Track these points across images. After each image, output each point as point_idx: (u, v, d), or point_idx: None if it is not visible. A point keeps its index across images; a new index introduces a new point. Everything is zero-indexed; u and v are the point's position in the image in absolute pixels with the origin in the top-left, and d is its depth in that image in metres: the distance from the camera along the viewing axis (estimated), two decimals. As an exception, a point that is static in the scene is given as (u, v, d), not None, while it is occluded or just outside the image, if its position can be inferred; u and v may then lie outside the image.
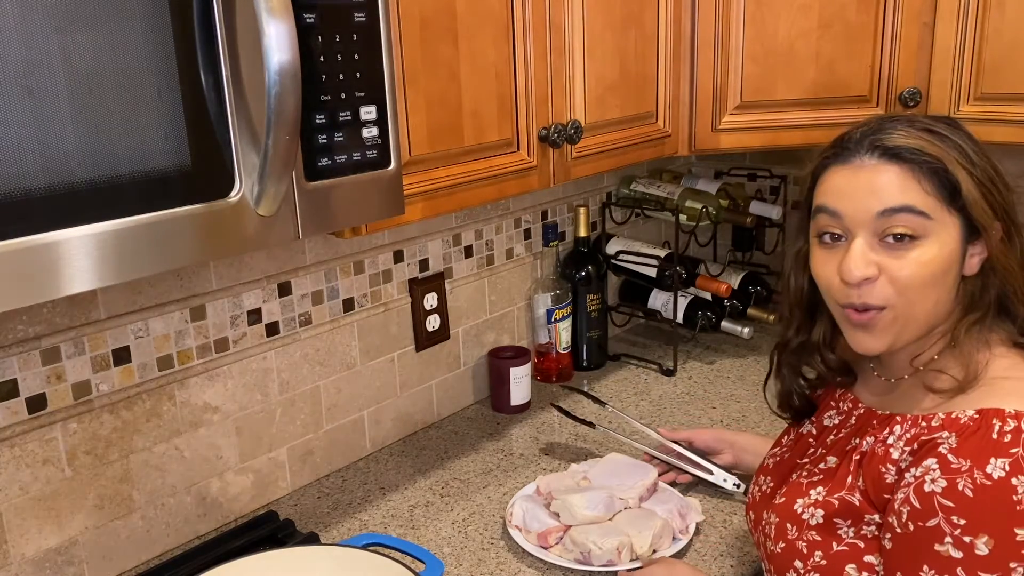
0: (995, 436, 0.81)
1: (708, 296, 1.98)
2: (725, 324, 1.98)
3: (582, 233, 1.87)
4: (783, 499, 1.00)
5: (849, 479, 0.93)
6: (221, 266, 1.33)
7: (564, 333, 1.85)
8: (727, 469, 1.39)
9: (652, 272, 1.91)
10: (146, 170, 0.81)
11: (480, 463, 1.56)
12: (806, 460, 1.04)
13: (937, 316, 0.92)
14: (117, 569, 1.27)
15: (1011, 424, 0.81)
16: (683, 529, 1.28)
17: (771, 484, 1.08)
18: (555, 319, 1.82)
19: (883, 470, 0.89)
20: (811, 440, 1.07)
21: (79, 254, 0.77)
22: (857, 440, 0.96)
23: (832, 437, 1.02)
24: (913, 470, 0.85)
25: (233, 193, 0.88)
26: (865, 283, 0.89)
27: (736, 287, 2.03)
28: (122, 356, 1.23)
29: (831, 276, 0.93)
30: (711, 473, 1.39)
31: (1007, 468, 0.79)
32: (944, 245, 0.88)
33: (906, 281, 0.88)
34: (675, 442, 1.43)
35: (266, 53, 0.80)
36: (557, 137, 1.34)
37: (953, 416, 0.86)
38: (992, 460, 0.80)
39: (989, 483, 0.79)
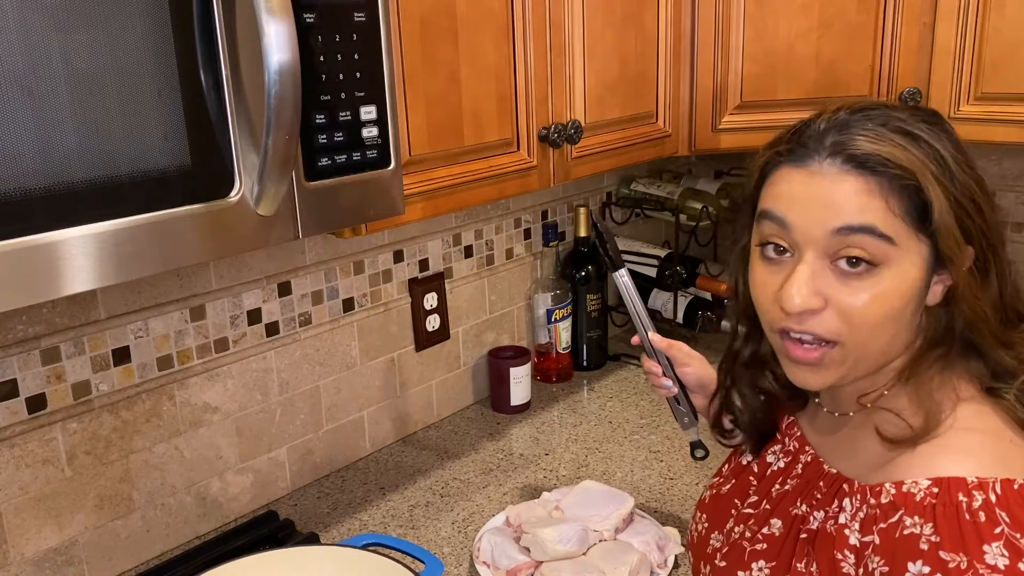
0: (968, 517, 0.70)
1: (708, 296, 1.98)
2: (725, 324, 1.98)
3: (582, 233, 1.87)
4: (723, 563, 0.89)
5: (795, 563, 0.81)
6: (221, 266, 1.33)
7: (564, 333, 1.85)
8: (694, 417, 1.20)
9: (652, 272, 1.91)
10: (146, 170, 0.81)
11: (480, 463, 1.56)
12: (748, 509, 0.90)
13: (892, 353, 0.79)
14: (117, 569, 1.27)
15: (978, 498, 0.70)
16: (661, 563, 1.21)
17: (706, 524, 0.96)
18: (555, 319, 1.82)
19: (839, 556, 0.77)
20: (751, 479, 0.93)
21: (79, 254, 0.77)
22: (805, 508, 0.84)
23: (776, 487, 0.89)
24: None
25: (233, 193, 0.88)
26: (807, 314, 0.76)
27: (736, 287, 2.03)
28: (122, 356, 1.23)
29: (770, 299, 0.79)
30: (686, 416, 1.20)
31: (1005, 552, 0.68)
32: (906, 276, 0.74)
33: (858, 318, 0.75)
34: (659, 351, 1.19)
35: (266, 53, 0.80)
36: (557, 137, 1.34)
37: (905, 489, 0.73)
38: (986, 547, 0.68)
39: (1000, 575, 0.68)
